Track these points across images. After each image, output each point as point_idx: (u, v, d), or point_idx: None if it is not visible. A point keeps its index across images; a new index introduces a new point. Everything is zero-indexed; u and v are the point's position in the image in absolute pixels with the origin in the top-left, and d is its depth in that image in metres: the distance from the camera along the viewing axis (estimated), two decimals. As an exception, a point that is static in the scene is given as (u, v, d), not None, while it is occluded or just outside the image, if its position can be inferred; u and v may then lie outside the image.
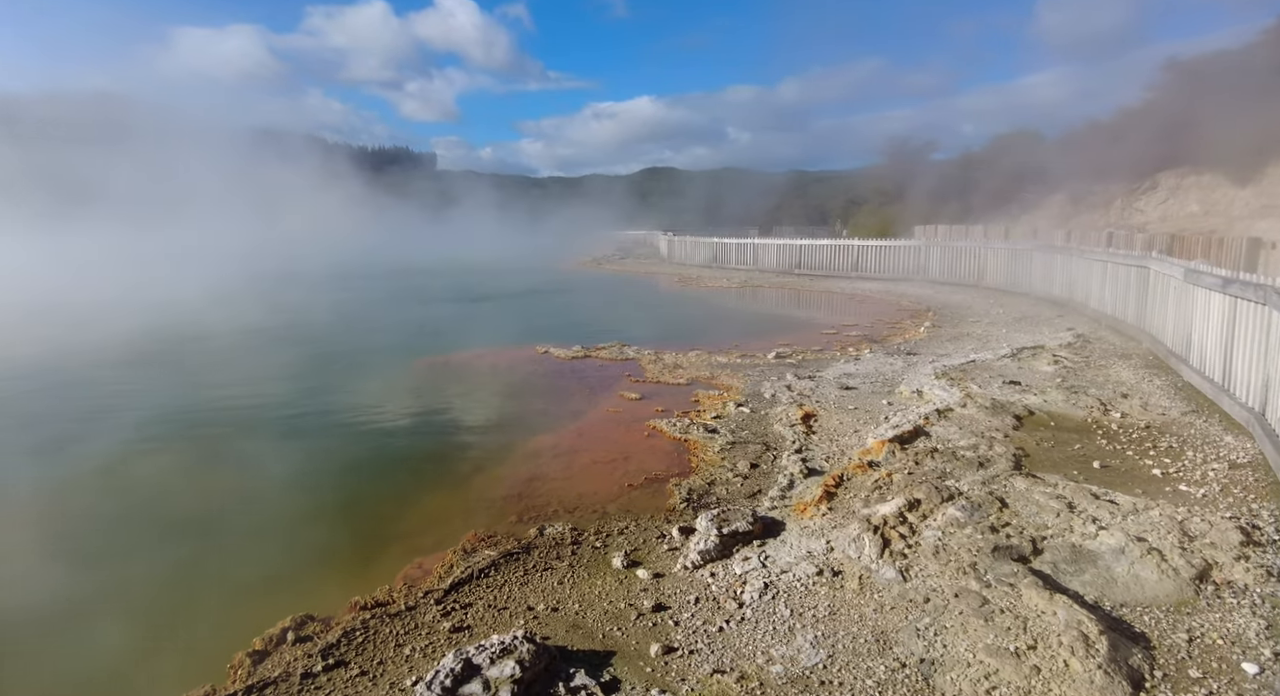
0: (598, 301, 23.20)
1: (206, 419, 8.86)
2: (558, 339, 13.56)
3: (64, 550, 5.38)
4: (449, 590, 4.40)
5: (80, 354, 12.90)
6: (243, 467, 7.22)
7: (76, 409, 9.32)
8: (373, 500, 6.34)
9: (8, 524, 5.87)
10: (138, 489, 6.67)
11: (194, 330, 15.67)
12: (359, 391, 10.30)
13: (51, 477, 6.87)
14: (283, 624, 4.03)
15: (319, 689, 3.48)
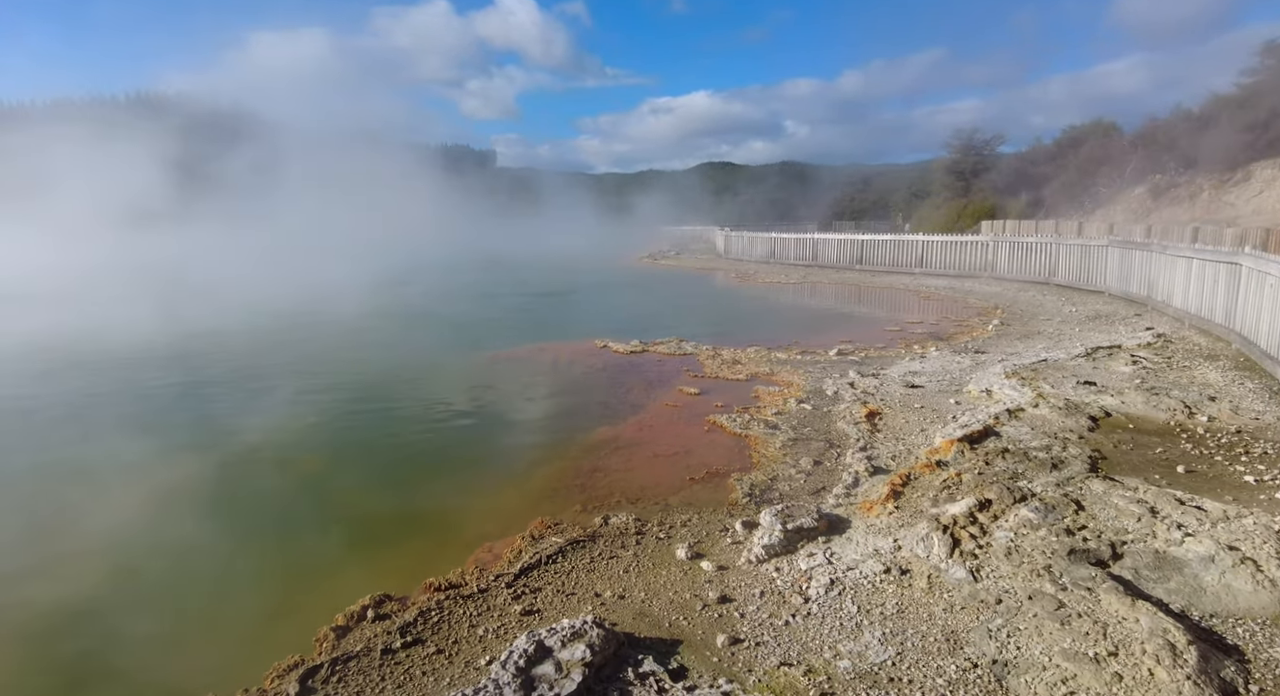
0: (654, 297, 23.26)
1: (291, 404, 9.30)
2: (616, 333, 13.67)
3: (175, 523, 5.75)
4: (519, 574, 4.53)
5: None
6: (323, 452, 7.55)
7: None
8: (443, 486, 6.57)
9: (112, 502, 6.29)
10: (247, 466, 7.05)
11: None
12: (431, 382, 10.64)
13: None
14: (363, 602, 4.22)
15: (398, 664, 3.64)
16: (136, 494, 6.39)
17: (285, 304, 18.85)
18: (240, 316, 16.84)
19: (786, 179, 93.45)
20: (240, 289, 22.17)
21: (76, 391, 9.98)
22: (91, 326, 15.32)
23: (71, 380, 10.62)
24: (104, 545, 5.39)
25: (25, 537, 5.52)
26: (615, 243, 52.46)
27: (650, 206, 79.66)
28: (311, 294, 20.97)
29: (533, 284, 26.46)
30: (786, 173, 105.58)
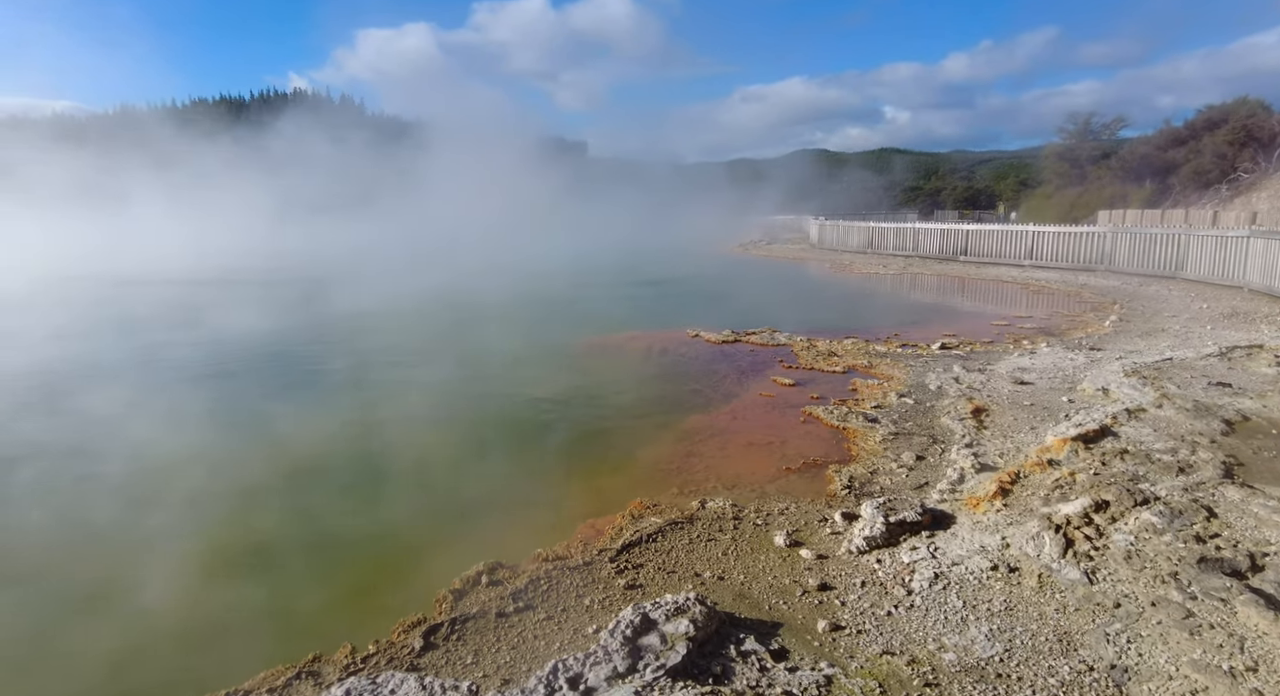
0: (746, 286, 23.08)
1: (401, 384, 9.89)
2: (707, 323, 13.71)
3: (313, 486, 6.28)
4: (621, 550, 4.70)
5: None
6: (440, 428, 8.00)
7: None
8: (546, 464, 6.85)
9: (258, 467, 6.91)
10: (373, 436, 7.60)
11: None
12: (530, 366, 11.03)
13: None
14: (478, 568, 4.50)
15: (511, 628, 3.88)
16: (273, 460, 7.00)
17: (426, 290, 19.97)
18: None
19: (884, 166, 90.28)
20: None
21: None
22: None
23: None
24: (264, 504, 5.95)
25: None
26: (705, 232, 52.23)
27: (741, 196, 78.72)
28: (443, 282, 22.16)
29: (624, 273, 26.76)
30: (884, 160, 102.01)
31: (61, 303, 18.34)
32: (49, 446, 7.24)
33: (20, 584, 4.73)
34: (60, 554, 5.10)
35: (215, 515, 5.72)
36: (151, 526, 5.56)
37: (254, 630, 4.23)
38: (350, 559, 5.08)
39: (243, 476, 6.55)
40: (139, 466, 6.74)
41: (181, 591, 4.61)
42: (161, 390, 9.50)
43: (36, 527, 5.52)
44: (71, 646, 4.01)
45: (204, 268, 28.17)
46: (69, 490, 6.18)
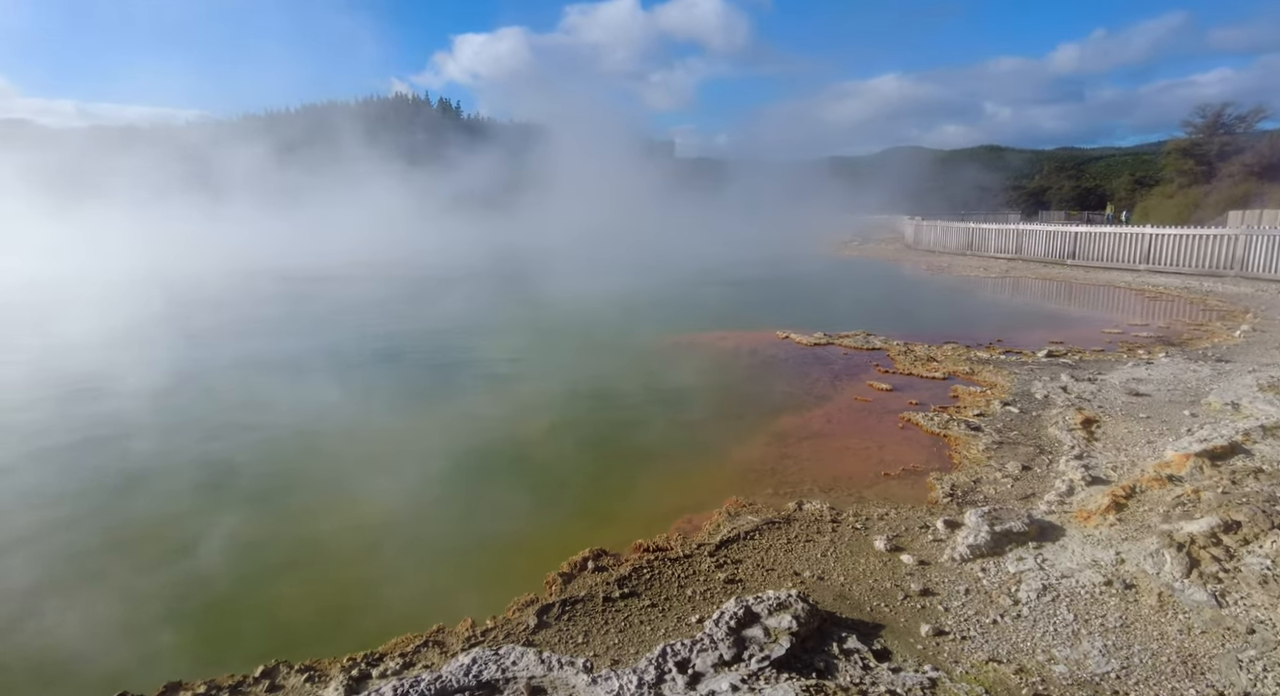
0: (838, 287, 22.65)
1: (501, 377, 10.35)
2: (798, 324, 13.60)
3: (431, 474, 6.73)
4: (719, 546, 4.83)
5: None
6: (543, 421, 8.36)
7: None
8: (641, 458, 7.04)
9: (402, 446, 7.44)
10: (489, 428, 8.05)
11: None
12: (623, 363, 11.30)
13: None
14: (584, 553, 4.73)
15: (618, 612, 4.07)
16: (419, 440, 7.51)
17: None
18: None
19: (984, 164, 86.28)
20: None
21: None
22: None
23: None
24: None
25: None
26: (796, 231, 51.45)
27: (833, 194, 76.98)
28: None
29: (713, 272, 26.78)
30: (984, 158, 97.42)
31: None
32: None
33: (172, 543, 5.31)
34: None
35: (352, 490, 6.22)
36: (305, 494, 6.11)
37: (386, 597, 4.61)
38: (467, 538, 5.43)
39: (384, 454, 7.06)
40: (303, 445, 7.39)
41: (332, 553, 5.08)
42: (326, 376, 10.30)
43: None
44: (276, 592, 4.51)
45: (381, 262, 30.05)
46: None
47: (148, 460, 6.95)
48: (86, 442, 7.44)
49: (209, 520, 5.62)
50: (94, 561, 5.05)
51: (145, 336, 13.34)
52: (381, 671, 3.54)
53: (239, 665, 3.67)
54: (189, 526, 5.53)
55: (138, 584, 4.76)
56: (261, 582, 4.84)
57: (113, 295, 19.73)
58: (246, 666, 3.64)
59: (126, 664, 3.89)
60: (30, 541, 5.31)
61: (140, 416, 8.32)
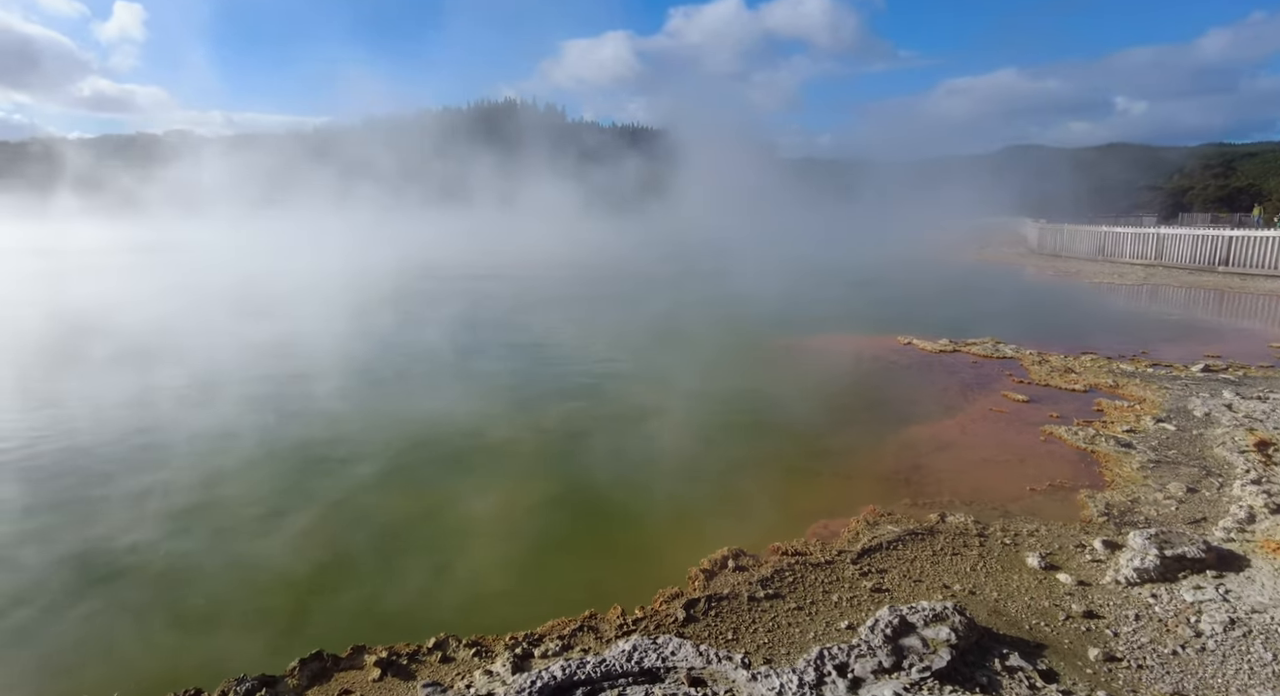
0: (959, 292, 21.63)
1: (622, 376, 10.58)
2: (920, 329, 13.15)
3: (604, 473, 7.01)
4: (861, 554, 4.77)
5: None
6: (671, 421, 8.50)
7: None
8: (763, 462, 7.03)
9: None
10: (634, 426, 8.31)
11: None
12: (741, 365, 11.28)
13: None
14: (723, 552, 4.80)
15: (764, 612, 4.11)
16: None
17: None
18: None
19: (1115, 164, 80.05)
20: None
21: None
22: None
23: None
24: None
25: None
26: (907, 234, 49.58)
27: (947, 196, 73.53)
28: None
29: (826, 274, 26.26)
30: (1115, 156, 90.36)
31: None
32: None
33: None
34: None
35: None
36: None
37: (540, 580, 4.85)
38: (610, 530, 5.63)
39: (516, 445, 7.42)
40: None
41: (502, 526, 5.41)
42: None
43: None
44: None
45: (552, 262, 31.29)
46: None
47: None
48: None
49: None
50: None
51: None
52: (543, 651, 3.74)
53: (408, 635, 3.97)
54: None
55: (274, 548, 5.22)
56: (439, 554, 5.19)
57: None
58: (416, 636, 3.94)
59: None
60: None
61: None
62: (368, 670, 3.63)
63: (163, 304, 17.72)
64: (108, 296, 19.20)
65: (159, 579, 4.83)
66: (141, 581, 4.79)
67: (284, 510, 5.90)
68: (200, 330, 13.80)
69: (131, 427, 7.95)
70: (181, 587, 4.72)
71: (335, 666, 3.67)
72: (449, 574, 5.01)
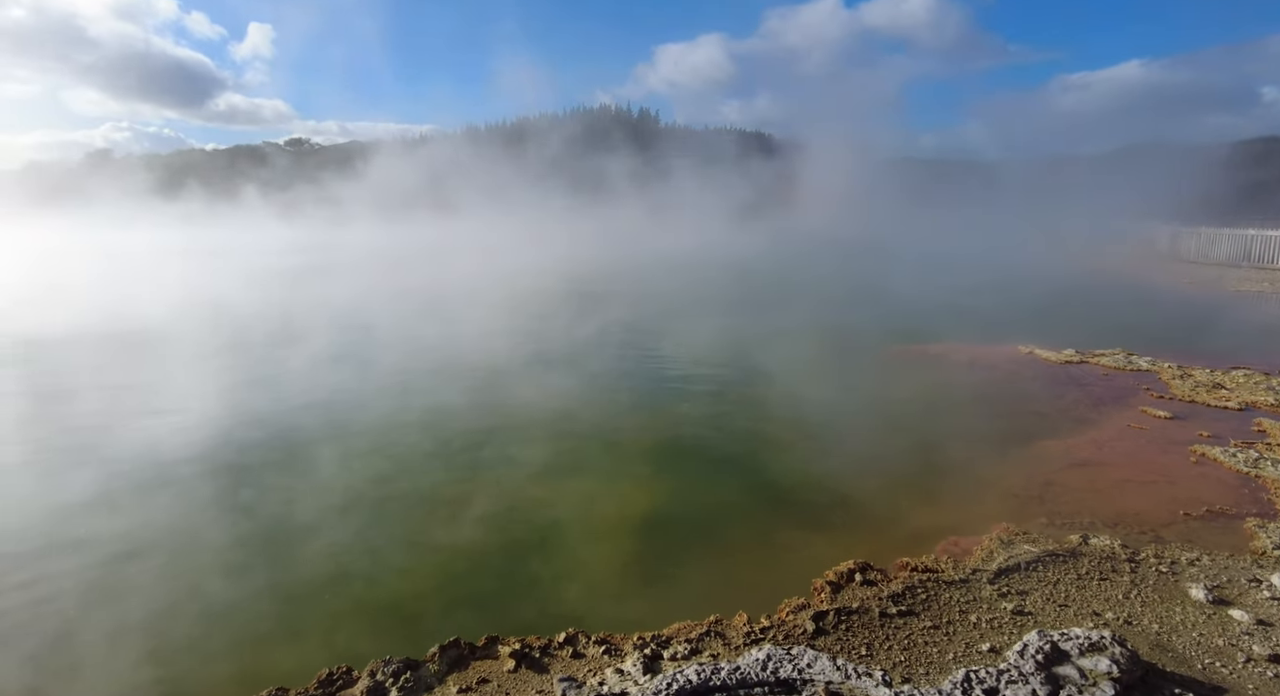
0: (1079, 300, 20.22)
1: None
2: (1041, 338, 12.38)
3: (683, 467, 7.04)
4: (998, 574, 4.52)
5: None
6: (770, 426, 8.39)
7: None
8: (883, 474, 6.78)
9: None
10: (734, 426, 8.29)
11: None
12: (853, 373, 10.93)
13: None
14: (848, 565, 4.65)
15: (897, 629, 3.95)
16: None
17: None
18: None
19: (1264, 161, 73.02)
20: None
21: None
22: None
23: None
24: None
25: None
26: (1017, 237, 46.93)
27: (1056, 196, 69.05)
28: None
29: (937, 278, 25.16)
30: (1263, 152, 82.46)
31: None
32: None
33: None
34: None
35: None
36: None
37: (660, 583, 4.87)
38: (732, 534, 5.59)
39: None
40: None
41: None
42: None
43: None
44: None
45: (700, 264, 31.64)
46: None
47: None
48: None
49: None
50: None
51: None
52: (672, 654, 3.73)
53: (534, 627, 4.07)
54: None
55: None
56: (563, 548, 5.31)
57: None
58: (539, 629, 4.02)
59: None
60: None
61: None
62: (503, 660, 3.73)
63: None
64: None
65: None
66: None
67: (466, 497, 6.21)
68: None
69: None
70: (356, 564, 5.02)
71: (471, 654, 3.80)
72: (576, 567, 5.11)
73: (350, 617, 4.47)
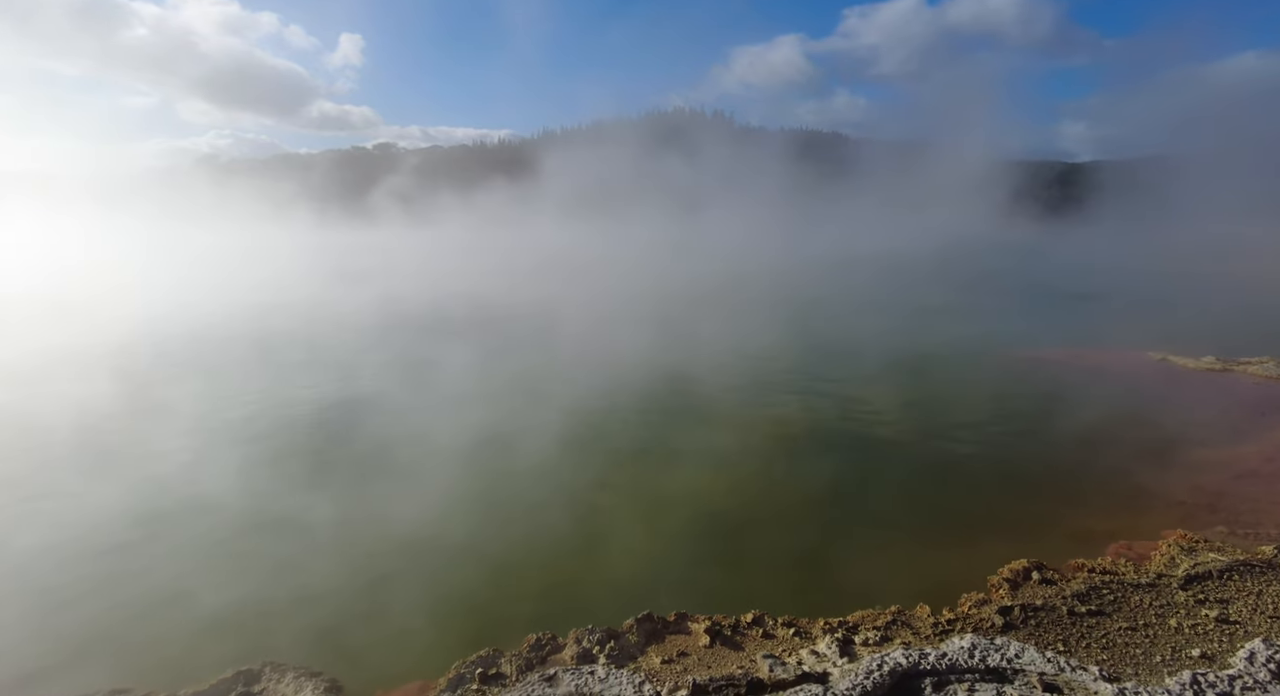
0: (1212, 303, 18.98)
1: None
2: (1174, 345, 11.71)
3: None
4: (1188, 580, 4.35)
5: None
6: (934, 426, 8.29)
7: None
8: (1034, 477, 6.62)
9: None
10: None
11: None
12: (978, 381, 10.55)
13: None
14: (1023, 563, 4.59)
15: (1090, 628, 3.87)
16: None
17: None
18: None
19: None
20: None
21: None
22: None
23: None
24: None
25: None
26: (1114, 241, 44.44)
27: (1157, 197, 64.74)
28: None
29: (1048, 279, 24.17)
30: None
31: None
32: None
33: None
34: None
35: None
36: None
37: (819, 570, 4.92)
38: (888, 531, 5.60)
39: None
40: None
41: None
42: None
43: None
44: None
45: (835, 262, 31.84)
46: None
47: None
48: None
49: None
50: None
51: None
52: (863, 639, 3.77)
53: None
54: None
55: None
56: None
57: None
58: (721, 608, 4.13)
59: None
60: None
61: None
62: (697, 636, 3.86)
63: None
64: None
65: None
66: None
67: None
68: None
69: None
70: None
71: (665, 628, 3.95)
72: (744, 550, 5.24)
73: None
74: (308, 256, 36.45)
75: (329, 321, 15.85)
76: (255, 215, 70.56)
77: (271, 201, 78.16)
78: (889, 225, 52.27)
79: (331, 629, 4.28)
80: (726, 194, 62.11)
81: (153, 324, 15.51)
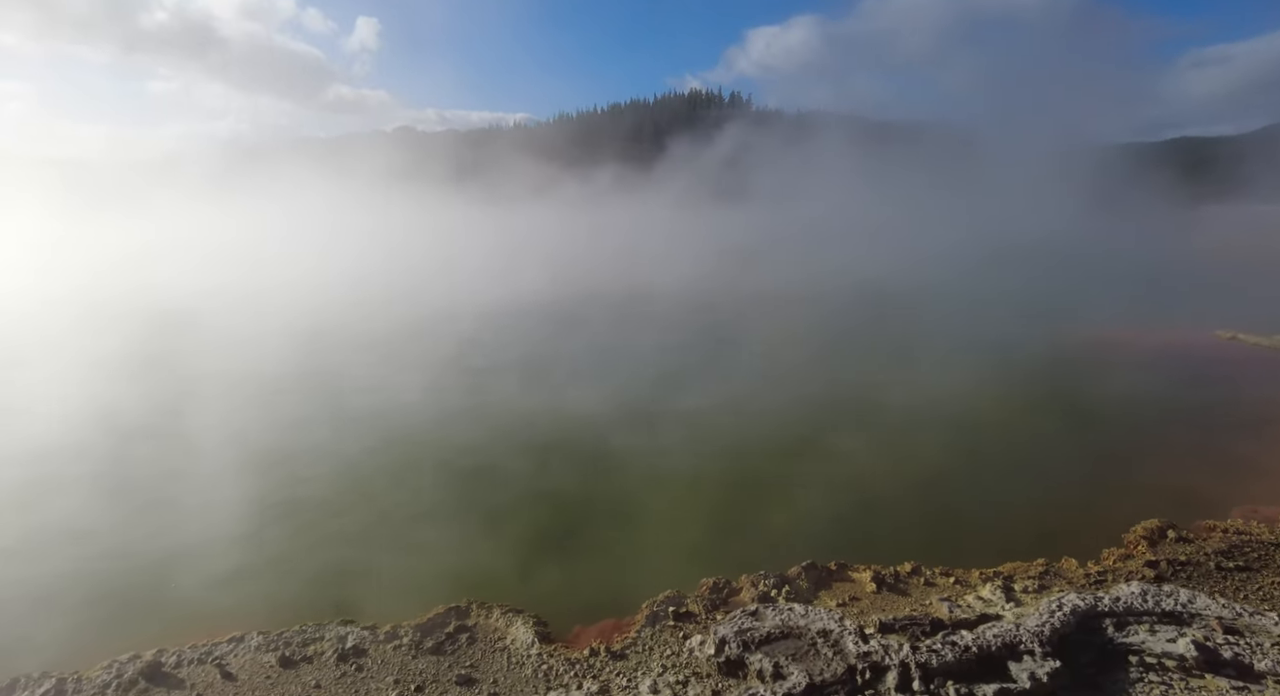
0: (1252, 280, 18.69)
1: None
2: (1240, 323, 11.63)
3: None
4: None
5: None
6: (1015, 403, 8.41)
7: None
8: (1135, 451, 6.74)
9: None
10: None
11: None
12: (1037, 362, 10.58)
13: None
14: (1157, 522, 4.76)
15: (1245, 582, 4.07)
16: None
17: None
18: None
19: None
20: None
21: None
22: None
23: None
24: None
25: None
26: (1142, 224, 43.68)
27: (1186, 179, 63.26)
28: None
29: (1089, 257, 23.84)
30: None
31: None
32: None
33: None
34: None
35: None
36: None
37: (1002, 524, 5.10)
38: (1024, 490, 5.76)
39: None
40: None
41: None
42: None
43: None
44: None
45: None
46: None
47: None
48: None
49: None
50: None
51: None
52: (1023, 588, 3.96)
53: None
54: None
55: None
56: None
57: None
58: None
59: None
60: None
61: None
62: (862, 583, 4.07)
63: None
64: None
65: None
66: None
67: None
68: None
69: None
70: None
71: (829, 575, 4.16)
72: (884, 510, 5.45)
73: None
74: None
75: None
76: (412, 197, 68.38)
77: (432, 179, 74.96)
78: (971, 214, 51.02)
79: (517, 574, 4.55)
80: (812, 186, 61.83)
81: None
